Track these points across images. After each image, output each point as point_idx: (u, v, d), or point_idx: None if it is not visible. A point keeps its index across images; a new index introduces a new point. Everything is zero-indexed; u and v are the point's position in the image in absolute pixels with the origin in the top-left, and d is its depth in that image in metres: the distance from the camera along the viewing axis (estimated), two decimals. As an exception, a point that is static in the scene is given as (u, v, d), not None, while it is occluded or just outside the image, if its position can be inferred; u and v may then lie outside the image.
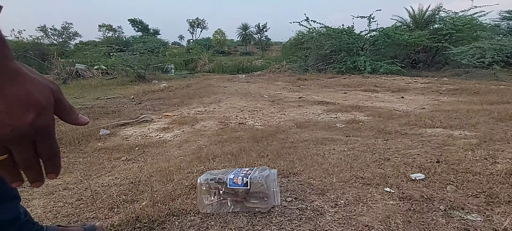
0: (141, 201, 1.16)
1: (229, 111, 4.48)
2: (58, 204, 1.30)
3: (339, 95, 5.87)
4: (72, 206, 1.23)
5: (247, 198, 0.97)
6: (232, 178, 0.96)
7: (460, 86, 6.21)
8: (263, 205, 0.97)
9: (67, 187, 1.55)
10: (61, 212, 1.20)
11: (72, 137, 3.08)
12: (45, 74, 10.31)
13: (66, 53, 14.45)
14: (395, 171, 1.47)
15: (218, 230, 0.90)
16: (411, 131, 2.80)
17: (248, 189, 0.95)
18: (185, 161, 2.07)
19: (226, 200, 0.97)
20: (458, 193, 1.16)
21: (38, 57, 11.55)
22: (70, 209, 1.22)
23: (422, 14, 11.00)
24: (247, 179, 0.94)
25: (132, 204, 1.22)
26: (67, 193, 1.44)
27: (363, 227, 0.90)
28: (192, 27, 38.62)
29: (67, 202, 1.30)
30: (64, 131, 3.37)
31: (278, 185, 1.03)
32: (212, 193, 0.99)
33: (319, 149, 2.20)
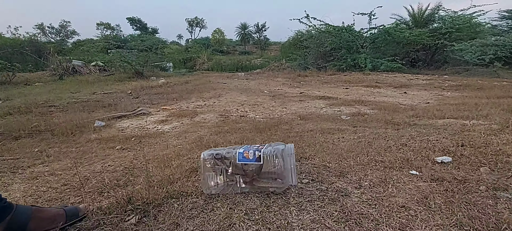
0: (135, 185, 1.01)
1: (229, 105, 4.33)
2: (41, 188, 1.15)
3: (340, 91, 5.75)
4: (56, 191, 1.08)
5: (259, 176, 0.82)
6: (242, 152, 0.82)
7: (463, 83, 6.12)
8: (278, 184, 0.83)
9: (54, 173, 1.39)
10: (43, 197, 1.05)
11: (65, 127, 2.91)
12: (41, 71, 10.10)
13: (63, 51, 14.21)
14: (417, 155, 1.34)
15: (225, 212, 0.76)
16: (420, 121, 2.68)
17: (260, 164, 0.80)
18: (184, 148, 1.93)
19: (235, 178, 0.83)
20: (494, 175, 1.02)
21: (34, 54, 11.31)
22: (53, 193, 1.07)
23: (422, 13, 10.94)
24: (260, 153, 0.79)
25: (124, 188, 1.07)
26: (53, 179, 1.29)
27: (399, 208, 0.76)
28: (191, 26, 38.36)
29: (51, 187, 1.15)
30: (56, 122, 3.20)
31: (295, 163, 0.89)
32: (218, 170, 0.84)
33: (327, 137, 2.06)
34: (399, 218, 0.73)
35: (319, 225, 0.71)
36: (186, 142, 2.19)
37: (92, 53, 10.44)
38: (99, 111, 3.99)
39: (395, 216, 0.74)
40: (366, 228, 0.70)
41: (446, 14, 9.93)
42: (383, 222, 0.71)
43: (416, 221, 0.71)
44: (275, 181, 0.86)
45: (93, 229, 0.75)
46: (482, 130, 1.76)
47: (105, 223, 0.76)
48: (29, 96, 5.40)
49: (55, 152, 2.13)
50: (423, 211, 0.76)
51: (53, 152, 2.16)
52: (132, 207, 0.82)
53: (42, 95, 5.61)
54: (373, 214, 0.75)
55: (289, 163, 0.83)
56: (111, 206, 0.85)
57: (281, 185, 0.85)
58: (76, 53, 12.14)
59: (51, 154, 2.09)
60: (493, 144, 1.41)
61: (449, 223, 0.69)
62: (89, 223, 0.77)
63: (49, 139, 2.71)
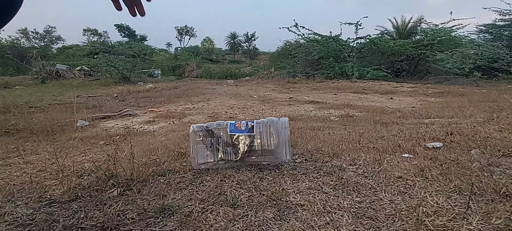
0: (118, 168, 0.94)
1: (218, 108, 4.28)
2: (15, 173, 1.05)
3: (329, 96, 5.82)
4: (31, 176, 1.00)
5: (251, 150, 0.78)
6: (234, 123, 0.77)
7: (445, 90, 6.35)
8: (271, 159, 0.79)
9: (30, 161, 1.29)
10: (15, 181, 0.96)
11: (46, 126, 2.77)
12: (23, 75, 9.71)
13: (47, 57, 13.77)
14: (408, 142, 1.34)
15: (216, 183, 0.71)
16: (408, 121, 2.72)
17: (253, 135, 0.76)
18: (172, 142, 1.86)
19: (226, 150, 0.78)
20: (485, 155, 1.02)
21: (16, 58, 10.91)
22: (27, 178, 0.98)
23: (405, 25, 11.38)
24: (252, 124, 0.75)
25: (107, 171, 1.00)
26: (28, 166, 1.19)
27: (396, 179, 0.74)
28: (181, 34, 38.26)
29: (25, 172, 1.06)
30: (35, 122, 3.05)
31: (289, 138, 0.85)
32: (208, 143, 0.79)
33: (318, 133, 2.05)
34: (397, 186, 0.70)
35: (315, 191, 0.68)
36: (175, 137, 2.12)
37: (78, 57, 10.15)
38: (83, 112, 3.84)
39: (393, 184, 0.71)
40: (364, 194, 0.67)
41: (428, 27, 10.39)
42: (381, 190, 0.69)
43: (414, 188, 0.69)
44: (268, 155, 0.82)
45: (70, 202, 0.68)
46: (469, 122, 1.79)
47: (84, 195, 0.70)
48: (8, 98, 5.15)
49: (33, 147, 2.00)
50: (421, 181, 0.74)
51: (31, 147, 2.03)
52: (115, 181, 0.76)
53: (23, 97, 5.38)
54: (370, 183, 0.73)
55: (284, 135, 0.80)
56: (92, 182, 0.79)
57: (274, 160, 0.81)
58: (61, 58, 11.79)
59: (27, 148, 1.96)
60: (481, 133, 1.43)
61: (448, 189, 0.68)
62: (65, 196, 0.70)
63: (27, 137, 2.57)
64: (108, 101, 5.05)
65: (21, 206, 0.70)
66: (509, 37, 8.56)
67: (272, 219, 0.57)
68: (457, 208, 0.60)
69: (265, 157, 0.80)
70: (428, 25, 10.53)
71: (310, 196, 0.65)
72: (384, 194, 0.66)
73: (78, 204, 0.67)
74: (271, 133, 0.78)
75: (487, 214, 0.58)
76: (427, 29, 10.37)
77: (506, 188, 0.66)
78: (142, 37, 31.52)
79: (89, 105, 4.38)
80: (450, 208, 0.59)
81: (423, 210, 0.58)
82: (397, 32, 11.48)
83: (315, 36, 9.65)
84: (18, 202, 0.71)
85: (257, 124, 0.78)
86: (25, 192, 0.80)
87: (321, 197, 0.65)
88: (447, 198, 0.64)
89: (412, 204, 0.61)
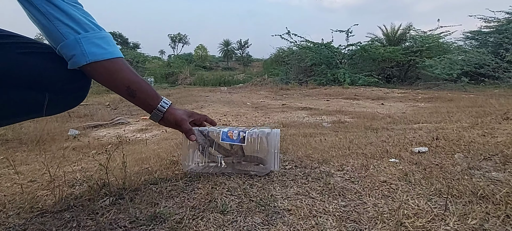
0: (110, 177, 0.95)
1: (212, 116, 4.29)
2: (5, 184, 1.05)
3: (321, 103, 5.90)
4: (22, 186, 1.00)
5: (241, 159, 0.81)
6: (226, 131, 0.80)
7: (434, 96, 6.50)
8: (260, 169, 0.81)
9: (20, 172, 1.29)
10: (6, 191, 0.96)
11: (35, 135, 2.74)
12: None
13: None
14: (395, 147, 1.38)
15: (207, 191, 0.73)
16: (397, 126, 2.78)
17: (244, 146, 0.79)
18: (165, 151, 1.86)
19: (216, 158, 0.80)
20: (468, 159, 1.07)
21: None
22: (18, 188, 0.98)
23: (394, 33, 11.65)
24: (244, 134, 0.78)
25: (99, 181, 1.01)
26: (19, 177, 1.19)
27: (381, 183, 0.77)
28: (174, 42, 38.25)
29: (16, 183, 1.06)
30: (25, 132, 3.01)
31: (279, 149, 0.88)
32: (200, 147, 0.81)
33: (310, 139, 2.09)
34: (381, 190, 0.73)
35: (303, 196, 0.70)
36: (168, 146, 2.13)
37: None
38: (73, 121, 3.81)
39: (377, 189, 0.74)
40: (349, 198, 0.70)
41: (417, 34, 10.66)
42: (365, 194, 0.72)
43: (397, 192, 0.72)
44: (258, 165, 0.85)
45: (62, 212, 0.69)
46: (454, 128, 1.86)
47: (76, 205, 0.70)
48: (-4, 108, 5.05)
49: (23, 157, 1.98)
50: (404, 184, 0.77)
51: (21, 157, 2.00)
52: (107, 190, 0.77)
53: (11, 106, 5.28)
54: (356, 188, 0.75)
55: (273, 147, 0.82)
56: (84, 192, 0.80)
57: (263, 170, 0.83)
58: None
59: (18, 159, 1.94)
60: (465, 137, 1.49)
61: (428, 192, 0.71)
62: (57, 206, 0.71)
63: (16, 147, 2.53)
64: (100, 109, 5.02)
65: (13, 216, 0.70)
66: (494, 44, 8.84)
67: (260, 224, 0.60)
68: (436, 210, 0.63)
69: (254, 167, 0.83)
70: (416, 32, 10.82)
71: (297, 201, 0.67)
72: (368, 198, 0.69)
73: (70, 214, 0.68)
74: (262, 144, 0.81)
75: (464, 215, 0.61)
76: (416, 36, 10.65)
77: (483, 190, 0.70)
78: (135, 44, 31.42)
79: (81, 114, 4.35)
80: (430, 210, 0.63)
81: (404, 212, 0.61)
82: (387, 39, 11.74)
83: (307, 44, 9.81)
84: (10, 213, 0.72)
85: (248, 134, 0.80)
86: (17, 202, 0.80)
87: (307, 201, 0.67)
88: (427, 200, 0.67)
89: (394, 206, 0.64)
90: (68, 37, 0.60)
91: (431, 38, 9.88)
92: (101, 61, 0.62)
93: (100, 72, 0.65)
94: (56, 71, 0.62)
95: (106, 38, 0.64)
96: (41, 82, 0.59)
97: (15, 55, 0.56)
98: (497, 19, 9.48)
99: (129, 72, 0.68)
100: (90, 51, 0.60)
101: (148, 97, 0.74)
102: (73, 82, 0.64)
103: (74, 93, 0.69)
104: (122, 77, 0.67)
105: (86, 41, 0.60)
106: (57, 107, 0.70)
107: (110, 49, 0.64)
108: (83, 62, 0.61)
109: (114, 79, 0.67)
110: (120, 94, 0.71)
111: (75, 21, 0.60)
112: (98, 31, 0.63)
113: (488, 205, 0.65)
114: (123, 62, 0.68)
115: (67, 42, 0.60)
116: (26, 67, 0.57)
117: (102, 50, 0.62)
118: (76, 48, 0.60)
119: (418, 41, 9.97)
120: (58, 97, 0.64)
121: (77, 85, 0.66)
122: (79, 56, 0.61)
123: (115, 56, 0.65)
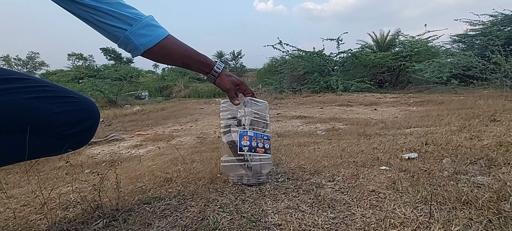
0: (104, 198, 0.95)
1: (207, 128, 4.30)
2: (-3, 210, 1.04)
3: (315, 110, 5.95)
4: (15, 211, 0.99)
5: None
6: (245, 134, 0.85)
7: (426, 99, 6.62)
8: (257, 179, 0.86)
9: (13, 196, 1.28)
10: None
11: (28, 156, 2.71)
12: None
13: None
14: (386, 154, 1.41)
15: (199, 209, 0.74)
16: (389, 131, 2.82)
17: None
18: (159, 168, 1.86)
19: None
20: (456, 163, 1.10)
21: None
22: (11, 213, 0.98)
23: (384, 39, 11.90)
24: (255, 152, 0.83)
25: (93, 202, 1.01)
26: (11, 201, 1.18)
27: (370, 192, 0.79)
28: (167, 56, 38.24)
29: (8, 208, 1.05)
30: (17, 153, 2.97)
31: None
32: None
33: (303, 149, 2.11)
34: (369, 200, 0.75)
35: (293, 210, 0.72)
36: (161, 163, 2.12)
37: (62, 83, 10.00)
38: (67, 139, 3.77)
39: (366, 199, 0.76)
40: (338, 210, 0.71)
41: (405, 39, 10.91)
42: (354, 205, 0.73)
43: (385, 201, 0.74)
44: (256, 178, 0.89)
45: (55, 237, 0.69)
46: (443, 132, 1.90)
47: (69, 229, 0.71)
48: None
49: (16, 180, 1.95)
50: (392, 193, 0.79)
51: (13, 179, 1.98)
52: (100, 212, 0.78)
53: (3, 127, 5.21)
54: (345, 199, 0.77)
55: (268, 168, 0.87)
56: (77, 215, 0.80)
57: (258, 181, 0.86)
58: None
59: (10, 181, 1.92)
60: (454, 141, 1.52)
61: (415, 200, 0.73)
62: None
63: (9, 169, 2.49)
64: (94, 126, 4.99)
65: (5, 244, 0.70)
66: (480, 46, 9.08)
67: (252, 240, 0.61)
68: (421, 218, 0.65)
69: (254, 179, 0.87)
70: (405, 37, 11.07)
71: (287, 215, 0.69)
72: (357, 209, 0.71)
73: (63, 238, 0.68)
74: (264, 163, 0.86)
75: (448, 221, 0.63)
76: (405, 41, 10.89)
77: (466, 196, 0.73)
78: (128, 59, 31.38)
79: (74, 132, 4.32)
80: (415, 218, 0.65)
81: (390, 222, 0.63)
82: (377, 45, 11.97)
83: (299, 53, 9.95)
84: (2, 240, 0.72)
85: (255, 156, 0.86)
86: (10, 228, 0.80)
87: (297, 215, 0.69)
88: (413, 208, 0.69)
89: (381, 216, 0.66)
90: (119, 36, 0.67)
91: (419, 43, 10.12)
92: (151, 48, 0.69)
93: (154, 56, 0.72)
94: (59, 116, 0.66)
95: (148, 25, 0.70)
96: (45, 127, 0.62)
97: (21, 100, 0.59)
98: (482, 22, 9.79)
99: (179, 48, 0.75)
100: (140, 43, 0.68)
101: (202, 66, 0.82)
102: (77, 126, 0.68)
103: (79, 137, 0.73)
104: (174, 55, 0.75)
105: (134, 36, 0.67)
106: (59, 150, 0.75)
107: (155, 33, 0.70)
108: (139, 54, 0.70)
109: (168, 59, 0.75)
110: (179, 66, 0.80)
111: (119, 19, 0.66)
112: (139, 20, 0.68)
113: (471, 210, 0.67)
114: (170, 41, 0.73)
115: (121, 41, 0.68)
116: (32, 113, 0.60)
117: (148, 38, 0.69)
118: (128, 44, 0.68)
119: (407, 46, 10.20)
120: (62, 142, 0.68)
121: (81, 128, 0.71)
122: (134, 50, 0.69)
123: (161, 38, 0.71)
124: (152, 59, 0.73)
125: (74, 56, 27.06)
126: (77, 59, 26.87)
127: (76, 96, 0.71)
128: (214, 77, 0.84)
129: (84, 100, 0.73)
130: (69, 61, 26.89)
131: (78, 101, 0.71)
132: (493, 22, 9.46)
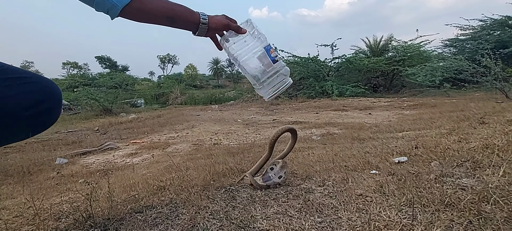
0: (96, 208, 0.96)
1: (202, 135, 4.30)
2: (-11, 221, 1.04)
3: (311, 116, 5.99)
4: (7, 223, 0.99)
5: None
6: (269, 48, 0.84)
7: (419, 102, 6.71)
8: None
9: (5, 207, 1.27)
10: (-10, 228, 0.95)
11: (21, 166, 2.69)
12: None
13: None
14: (377, 158, 1.43)
15: (190, 216, 0.75)
16: (382, 135, 2.86)
17: None
18: (153, 177, 1.86)
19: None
20: (443, 166, 1.13)
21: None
22: (3, 225, 0.98)
23: (377, 44, 12.09)
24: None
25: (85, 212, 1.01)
26: (4, 212, 1.18)
27: (357, 196, 0.81)
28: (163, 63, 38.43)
29: (0, 219, 1.05)
30: (10, 163, 2.95)
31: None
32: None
33: (298, 155, 2.13)
34: (356, 204, 0.77)
35: (281, 215, 0.73)
36: (155, 171, 2.13)
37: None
38: (61, 149, 3.74)
39: (353, 202, 0.78)
40: (326, 214, 0.73)
41: (398, 44, 11.10)
42: (342, 208, 0.75)
43: (371, 205, 0.76)
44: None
45: (46, 247, 0.70)
46: (433, 135, 1.93)
47: (61, 239, 0.71)
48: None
49: (9, 191, 1.94)
50: (379, 196, 0.81)
51: (6, 190, 1.96)
52: (92, 222, 0.78)
53: (-4, 137, 5.15)
54: (333, 203, 0.79)
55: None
56: (69, 225, 0.81)
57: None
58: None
59: (3, 192, 1.90)
60: (442, 144, 1.56)
61: (400, 203, 0.75)
62: (42, 242, 0.72)
63: (2, 180, 2.47)
64: (89, 135, 4.95)
65: (-4, 255, 0.70)
66: (471, 50, 9.27)
67: (240, 246, 0.62)
68: (405, 220, 0.67)
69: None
70: (398, 42, 11.27)
71: (275, 221, 0.70)
72: (344, 212, 0.73)
73: (54, 249, 0.69)
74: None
75: (431, 223, 0.65)
76: (397, 46, 11.08)
77: (449, 198, 0.75)
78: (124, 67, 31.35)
79: (69, 141, 4.28)
80: (399, 221, 0.67)
81: (375, 225, 0.65)
82: (370, 50, 12.15)
83: (294, 58, 10.04)
84: (-7, 252, 0.72)
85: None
86: (1, 240, 0.80)
87: (285, 220, 0.70)
88: (398, 211, 0.71)
89: (367, 220, 0.68)
90: None
91: (412, 48, 10.30)
92: (129, 4, 0.64)
93: (134, 15, 0.67)
94: (14, 99, 0.60)
95: None
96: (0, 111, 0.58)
97: None
98: (472, 26, 10.01)
99: (160, 3, 0.69)
100: (117, 0, 0.63)
101: (188, 18, 0.74)
102: (35, 107, 0.63)
103: (39, 118, 0.66)
104: (156, 11, 0.69)
105: None
106: (18, 135, 0.68)
107: None
108: (117, 12, 0.64)
109: (151, 15, 0.69)
110: (163, 25, 0.72)
111: None
112: None
113: (453, 212, 0.69)
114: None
115: (97, 2, 0.63)
116: None
117: None
118: (105, 3, 0.63)
119: (400, 51, 10.37)
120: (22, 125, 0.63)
121: (40, 109, 0.65)
122: (112, 9, 0.64)
123: None
124: (133, 19, 0.68)
125: (69, 65, 26.97)
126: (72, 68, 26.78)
127: (31, 77, 0.66)
128: (205, 28, 0.76)
129: (41, 80, 0.68)
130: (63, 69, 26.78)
131: (34, 82, 0.66)
132: (483, 26, 9.68)
